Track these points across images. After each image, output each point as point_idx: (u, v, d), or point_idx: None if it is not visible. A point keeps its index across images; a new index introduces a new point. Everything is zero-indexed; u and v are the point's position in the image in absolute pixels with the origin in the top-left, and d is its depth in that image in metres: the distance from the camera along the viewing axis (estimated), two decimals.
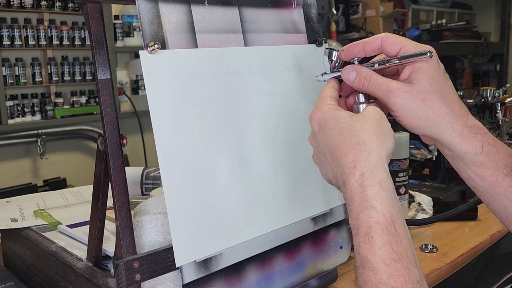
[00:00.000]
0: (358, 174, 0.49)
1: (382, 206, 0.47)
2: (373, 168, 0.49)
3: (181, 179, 0.57)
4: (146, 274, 0.55)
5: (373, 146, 0.50)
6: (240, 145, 0.64)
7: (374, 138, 0.51)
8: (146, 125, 3.21)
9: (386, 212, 0.47)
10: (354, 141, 0.51)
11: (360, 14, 3.76)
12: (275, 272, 0.68)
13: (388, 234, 0.46)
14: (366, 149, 0.50)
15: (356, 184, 0.49)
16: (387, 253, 0.45)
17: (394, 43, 0.56)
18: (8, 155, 2.85)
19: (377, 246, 0.45)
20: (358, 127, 0.52)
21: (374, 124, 0.52)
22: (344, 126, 0.52)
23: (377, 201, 0.47)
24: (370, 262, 0.45)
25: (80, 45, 2.99)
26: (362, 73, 0.57)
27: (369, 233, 0.46)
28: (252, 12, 0.68)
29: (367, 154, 0.50)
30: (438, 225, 1.08)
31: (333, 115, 0.54)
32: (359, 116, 0.53)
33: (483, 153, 0.55)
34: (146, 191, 1.08)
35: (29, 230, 0.83)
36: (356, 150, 0.50)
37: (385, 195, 0.48)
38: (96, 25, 0.56)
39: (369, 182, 0.48)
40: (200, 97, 0.60)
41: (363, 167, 0.49)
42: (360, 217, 0.47)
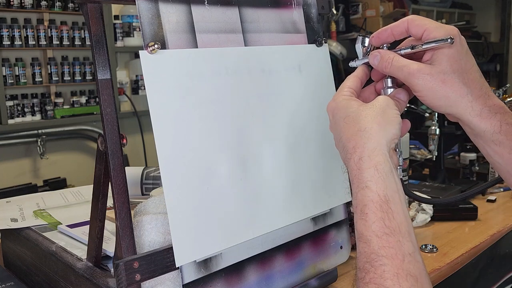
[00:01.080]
0: (356, 158, 0.53)
1: (376, 187, 0.51)
2: (370, 152, 0.53)
3: (181, 179, 0.57)
4: (146, 274, 0.55)
5: (373, 132, 0.54)
6: (240, 145, 0.64)
7: (375, 125, 0.54)
8: (146, 125, 3.22)
9: (380, 192, 0.51)
10: (356, 128, 0.55)
11: (360, 14, 3.76)
12: (275, 272, 0.68)
13: (381, 211, 0.50)
14: (365, 136, 0.54)
15: (355, 167, 0.53)
16: (379, 228, 0.49)
17: (418, 26, 0.58)
18: (8, 155, 2.85)
19: (370, 221, 0.50)
20: (363, 115, 0.55)
21: (378, 112, 0.55)
22: (350, 115, 0.56)
23: (372, 181, 0.51)
24: (364, 235, 0.50)
25: (80, 45, 3.00)
26: (385, 57, 0.59)
27: (364, 210, 0.51)
28: (252, 12, 0.68)
29: (366, 140, 0.54)
30: (438, 225, 1.08)
31: (344, 104, 0.58)
32: (367, 105, 0.57)
33: (502, 132, 0.58)
34: (146, 191, 1.08)
35: (29, 230, 0.83)
36: (357, 137, 0.54)
37: (379, 177, 0.51)
38: (96, 25, 0.56)
39: (366, 165, 0.52)
40: (200, 97, 0.60)
41: (361, 151, 0.53)
42: (357, 197, 0.52)
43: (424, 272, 0.49)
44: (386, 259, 0.48)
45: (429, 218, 1.06)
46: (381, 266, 0.47)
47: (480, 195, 1.31)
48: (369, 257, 0.49)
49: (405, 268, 0.47)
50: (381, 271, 0.47)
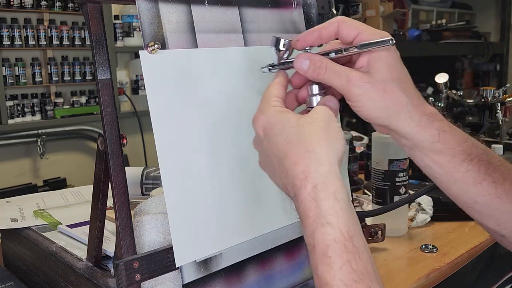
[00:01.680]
0: (310, 186, 0.45)
1: (338, 221, 0.44)
2: (325, 178, 0.45)
3: (181, 179, 0.57)
4: (146, 274, 0.55)
5: (323, 153, 0.47)
6: (240, 145, 0.64)
7: (323, 143, 0.47)
8: (146, 125, 3.21)
9: (343, 228, 0.44)
10: (303, 149, 0.47)
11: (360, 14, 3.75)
12: (275, 272, 0.68)
13: (346, 252, 0.43)
14: (316, 158, 0.46)
15: (309, 197, 0.45)
16: (347, 273, 0.42)
17: (351, 28, 0.53)
18: (8, 155, 2.85)
19: (336, 267, 0.42)
20: (306, 133, 0.48)
21: (323, 127, 0.48)
22: (291, 132, 0.48)
23: (333, 215, 0.44)
24: (330, 285, 0.42)
25: (80, 45, 2.99)
26: (317, 61, 0.52)
27: (327, 253, 0.43)
28: (252, 12, 0.68)
29: (318, 163, 0.46)
30: (438, 225, 1.08)
31: (279, 119, 0.50)
32: (306, 118, 0.49)
33: (440, 141, 0.54)
34: (146, 191, 1.08)
35: (29, 230, 0.83)
36: (306, 159, 0.46)
37: (340, 208, 0.44)
38: (96, 25, 0.56)
39: (323, 195, 0.45)
40: (200, 97, 0.60)
41: (315, 177, 0.45)
42: (316, 235, 0.44)
43: None
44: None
45: (429, 218, 1.06)
46: None
47: None
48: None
49: None
50: None
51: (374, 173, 1.04)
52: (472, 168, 0.55)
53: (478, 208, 0.57)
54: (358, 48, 0.52)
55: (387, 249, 0.96)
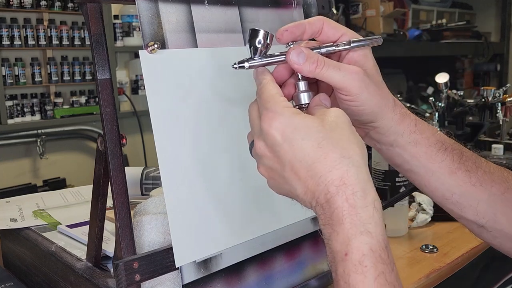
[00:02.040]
0: (349, 193, 0.43)
1: (376, 230, 0.43)
2: (364, 185, 0.44)
3: (181, 179, 0.57)
4: (146, 274, 0.55)
5: (359, 159, 0.45)
6: (240, 145, 0.64)
7: (357, 149, 0.46)
8: (146, 125, 3.21)
9: (380, 237, 0.43)
10: (338, 155, 0.45)
11: (360, 14, 3.76)
12: (275, 272, 0.68)
13: (382, 262, 0.42)
14: (354, 164, 0.45)
15: (346, 204, 0.43)
16: (381, 285, 0.41)
17: (335, 28, 0.53)
18: (8, 155, 2.85)
19: (371, 277, 0.41)
20: (337, 137, 0.46)
21: (350, 132, 0.47)
22: (319, 136, 0.46)
23: (372, 224, 0.43)
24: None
25: (80, 45, 2.99)
26: (313, 55, 0.50)
27: (363, 262, 0.41)
28: (252, 12, 0.68)
29: (357, 170, 0.45)
30: (438, 225, 1.08)
31: (301, 122, 0.47)
32: (329, 122, 0.47)
33: (417, 131, 0.57)
34: (146, 191, 1.08)
35: (28, 230, 0.83)
36: (343, 165, 0.44)
37: (378, 218, 0.43)
38: (95, 25, 0.56)
39: (362, 203, 0.43)
40: (200, 97, 0.60)
41: (354, 184, 0.44)
42: (352, 243, 0.42)
43: None
44: None
45: (429, 218, 1.06)
46: None
47: None
48: None
49: None
50: None
51: (374, 173, 1.04)
52: (447, 157, 0.57)
53: (456, 200, 0.58)
54: (349, 45, 0.52)
55: None
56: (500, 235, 0.60)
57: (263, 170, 0.51)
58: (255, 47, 0.52)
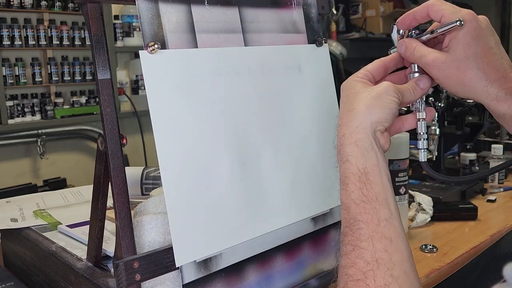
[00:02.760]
0: (341, 134, 0.58)
1: (356, 160, 0.55)
2: (352, 130, 0.57)
3: (181, 179, 0.57)
4: (146, 274, 0.55)
5: (359, 113, 0.57)
6: (240, 145, 0.64)
7: (363, 107, 0.57)
8: (146, 125, 3.21)
9: (359, 165, 0.55)
10: (347, 108, 0.58)
11: (360, 14, 3.76)
12: (275, 272, 0.68)
13: (359, 181, 0.55)
14: (351, 115, 0.57)
15: (339, 142, 0.58)
16: (357, 196, 0.54)
17: (436, 11, 0.60)
18: (8, 155, 2.85)
19: (350, 191, 0.55)
20: (358, 97, 0.58)
21: (373, 96, 0.58)
22: (349, 95, 0.59)
23: (352, 156, 0.56)
24: (345, 203, 0.55)
25: (80, 45, 3.00)
26: (409, 46, 0.62)
27: (345, 181, 0.56)
28: (252, 12, 0.68)
29: (352, 118, 0.57)
30: (438, 225, 1.08)
31: (350, 85, 0.61)
32: (368, 88, 0.59)
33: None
34: (146, 191, 1.08)
35: (29, 230, 0.83)
36: (345, 115, 0.58)
37: (359, 151, 0.56)
38: (96, 25, 0.56)
39: (347, 141, 0.56)
40: (200, 97, 0.60)
41: (345, 129, 0.57)
42: (341, 170, 0.57)
43: (401, 236, 0.53)
44: (363, 223, 0.53)
45: (429, 218, 1.06)
46: (358, 230, 0.53)
47: (480, 195, 1.31)
48: (348, 222, 0.54)
49: (380, 231, 0.52)
50: (358, 234, 0.53)
51: None
52: None
53: None
54: (430, 34, 0.61)
55: None
56: None
57: None
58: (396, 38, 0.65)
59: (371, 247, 0.51)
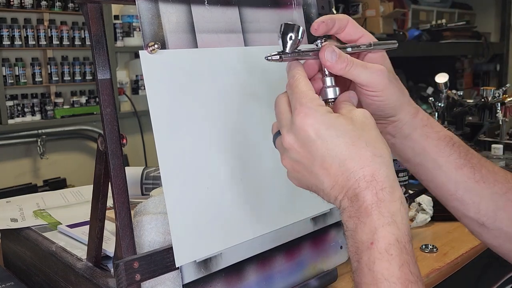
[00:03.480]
0: (378, 188, 0.47)
1: (403, 223, 0.46)
2: (393, 183, 0.48)
3: (181, 179, 0.57)
4: (146, 274, 0.55)
5: (389, 159, 0.49)
6: (240, 145, 0.64)
7: (386, 149, 0.49)
8: (146, 125, 3.21)
9: (405, 230, 0.46)
10: (370, 153, 0.48)
11: (360, 14, 3.76)
12: (275, 272, 0.68)
13: (406, 253, 0.45)
14: (385, 163, 0.48)
15: (375, 198, 0.46)
16: (405, 274, 0.44)
17: (357, 29, 0.58)
18: (8, 155, 2.85)
19: (395, 265, 0.44)
20: (368, 137, 0.49)
21: (378, 132, 0.50)
22: (353, 135, 0.48)
23: (399, 217, 0.46)
24: (388, 281, 0.43)
25: (80, 45, 2.99)
26: (343, 55, 0.53)
27: (389, 250, 0.44)
28: (252, 12, 0.68)
29: (387, 168, 0.48)
30: (438, 225, 1.08)
31: (336, 121, 0.49)
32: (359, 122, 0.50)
33: (428, 125, 0.61)
34: (146, 191, 1.08)
35: (29, 230, 0.83)
36: (375, 163, 0.47)
37: (405, 212, 0.47)
38: (96, 25, 0.56)
39: (391, 198, 0.47)
40: (200, 97, 0.60)
41: (385, 181, 0.47)
42: (379, 232, 0.45)
43: None
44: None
45: (429, 218, 1.06)
46: None
47: None
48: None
49: None
50: None
51: None
52: (454, 152, 0.60)
53: (460, 195, 0.61)
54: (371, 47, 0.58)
55: None
56: (500, 234, 0.61)
57: (287, 162, 0.53)
58: (286, 41, 0.53)
59: None
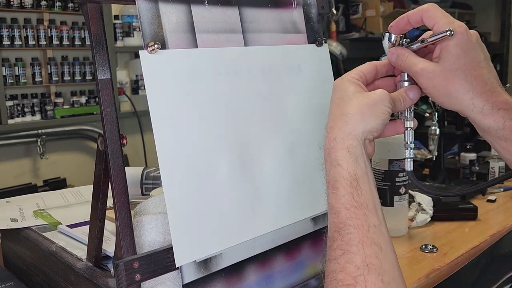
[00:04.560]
0: (331, 137, 0.56)
1: (347, 166, 0.55)
2: (344, 135, 0.56)
3: (181, 179, 0.57)
4: (146, 274, 0.55)
5: (352, 119, 0.56)
6: (240, 145, 0.64)
7: (357, 113, 0.56)
8: (146, 125, 3.21)
9: (350, 170, 0.54)
10: (340, 112, 0.57)
11: (360, 14, 3.76)
12: (275, 272, 0.68)
13: (350, 186, 0.54)
14: (345, 120, 0.56)
15: (328, 146, 0.56)
16: (348, 201, 0.53)
17: (430, 18, 0.60)
18: (8, 155, 2.85)
19: (340, 195, 0.54)
20: (352, 102, 0.57)
21: (368, 103, 0.57)
22: (343, 98, 0.58)
23: (343, 161, 0.55)
24: (334, 207, 0.54)
25: (80, 45, 3.00)
26: (400, 54, 0.62)
27: (335, 185, 0.54)
28: (252, 12, 0.68)
29: (344, 124, 0.56)
30: (438, 225, 1.08)
31: (344, 86, 0.59)
32: (363, 93, 0.58)
33: (506, 128, 0.58)
34: (146, 191, 1.08)
35: (29, 230, 0.83)
36: (338, 119, 0.57)
37: (350, 157, 0.55)
38: (96, 25, 0.56)
39: (339, 146, 0.56)
40: (200, 97, 0.60)
41: (337, 133, 0.56)
42: (330, 173, 0.56)
43: (390, 244, 0.53)
44: (353, 228, 0.52)
45: (429, 218, 1.06)
46: (348, 234, 0.52)
47: (480, 195, 1.31)
48: (337, 227, 0.53)
49: (370, 237, 0.51)
50: (347, 238, 0.52)
51: (374, 173, 1.03)
52: None
53: None
54: (421, 43, 0.61)
55: None
56: None
57: None
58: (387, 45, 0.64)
59: (361, 252, 0.50)
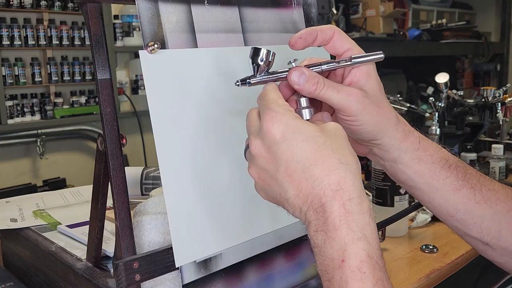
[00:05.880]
0: (346, 198, 0.43)
1: (373, 238, 0.42)
2: (360, 193, 0.44)
3: (181, 179, 0.57)
4: (146, 274, 0.55)
5: (356, 168, 0.46)
6: (240, 145, 0.64)
7: (353, 159, 0.46)
8: (146, 125, 3.21)
9: (375, 244, 0.43)
10: (336, 160, 0.45)
11: (360, 14, 3.75)
12: (275, 272, 0.68)
13: (379, 269, 0.41)
14: (351, 171, 0.45)
15: (343, 209, 0.43)
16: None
17: (343, 40, 0.54)
18: (8, 155, 2.85)
19: (370, 284, 0.40)
20: (335, 144, 0.46)
21: (347, 143, 0.48)
22: (319, 141, 0.46)
23: (369, 231, 0.42)
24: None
25: (80, 45, 2.99)
26: (313, 76, 0.51)
27: (361, 268, 0.41)
28: (252, 12, 0.68)
29: (354, 177, 0.44)
30: (438, 225, 1.08)
31: (303, 126, 0.47)
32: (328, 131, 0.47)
33: (420, 148, 0.57)
34: (146, 191, 1.08)
35: (28, 230, 0.83)
36: (341, 171, 0.44)
37: (374, 226, 0.44)
38: (95, 25, 0.56)
39: (358, 209, 0.43)
40: (200, 97, 0.60)
41: (352, 191, 0.44)
42: (350, 249, 0.41)
43: None
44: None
45: (429, 218, 1.06)
46: None
47: None
48: None
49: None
50: None
51: (374, 173, 1.04)
52: (451, 174, 0.57)
53: (461, 217, 0.58)
54: (350, 61, 0.52)
55: (388, 249, 0.95)
56: (505, 253, 0.58)
57: (254, 171, 0.50)
58: (257, 65, 0.53)
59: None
